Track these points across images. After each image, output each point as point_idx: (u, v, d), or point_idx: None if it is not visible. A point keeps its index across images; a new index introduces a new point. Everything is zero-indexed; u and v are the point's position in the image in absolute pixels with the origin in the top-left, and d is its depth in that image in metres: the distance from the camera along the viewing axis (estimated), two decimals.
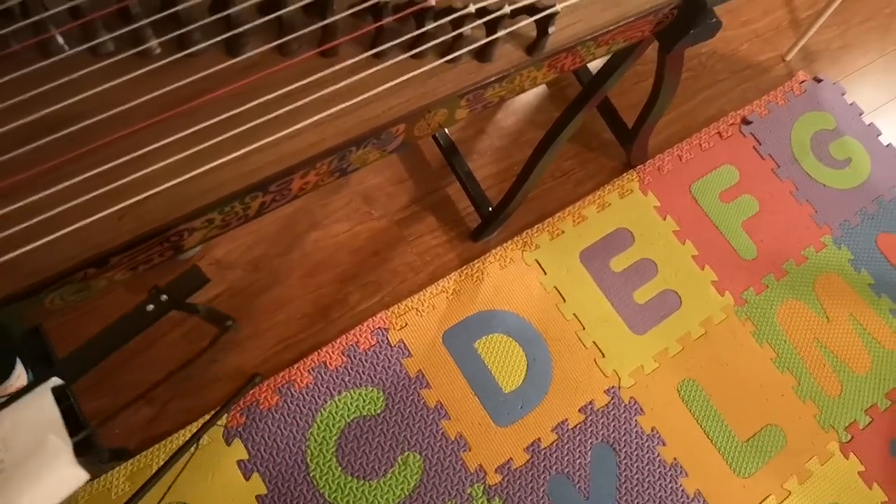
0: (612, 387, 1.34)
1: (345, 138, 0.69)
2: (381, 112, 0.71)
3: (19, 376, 0.96)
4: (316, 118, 0.67)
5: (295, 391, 1.25)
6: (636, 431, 1.31)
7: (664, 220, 1.48)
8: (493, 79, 0.77)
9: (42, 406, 0.59)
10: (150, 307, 0.68)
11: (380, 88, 0.71)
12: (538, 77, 0.84)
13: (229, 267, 1.34)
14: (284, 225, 1.39)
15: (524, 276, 1.39)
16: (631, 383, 1.34)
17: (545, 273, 1.40)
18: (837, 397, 1.39)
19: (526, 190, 1.28)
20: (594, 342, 1.36)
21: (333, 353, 1.28)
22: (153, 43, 0.65)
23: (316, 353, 1.28)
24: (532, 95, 1.59)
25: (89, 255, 0.58)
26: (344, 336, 1.30)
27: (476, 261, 1.40)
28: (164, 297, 0.69)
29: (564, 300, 1.39)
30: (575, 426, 1.30)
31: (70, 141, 0.61)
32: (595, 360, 1.35)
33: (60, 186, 0.59)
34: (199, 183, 0.62)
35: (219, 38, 0.67)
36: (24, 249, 0.56)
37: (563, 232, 1.44)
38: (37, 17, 0.62)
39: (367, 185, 1.45)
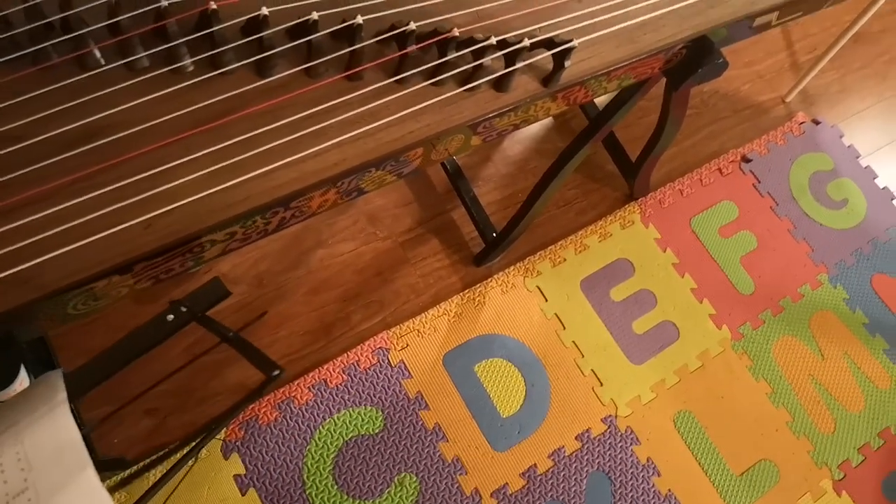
0: (609, 415, 1.35)
1: (365, 159, 0.71)
2: (401, 136, 0.73)
3: (22, 381, 0.97)
4: (339, 139, 0.70)
5: (294, 407, 1.25)
6: (632, 461, 1.32)
7: (664, 252, 1.51)
8: (508, 108, 0.80)
9: (59, 425, 0.57)
10: (171, 317, 0.69)
11: (401, 113, 0.73)
12: (551, 108, 0.87)
13: (234, 282, 1.35)
14: (290, 242, 1.41)
15: (525, 301, 1.41)
16: (628, 413, 1.35)
17: (546, 300, 1.42)
18: (831, 434, 1.40)
19: (530, 217, 1.31)
20: (592, 370, 1.38)
21: (334, 370, 1.29)
22: (187, 61, 0.67)
23: (317, 370, 1.29)
24: (538, 125, 1.62)
25: (116, 262, 0.60)
26: (345, 354, 1.31)
27: (478, 285, 1.41)
28: (184, 308, 0.70)
29: (564, 327, 1.40)
30: (571, 453, 1.30)
31: (102, 152, 0.63)
32: (593, 388, 1.36)
33: (92, 195, 0.60)
34: (224, 196, 0.64)
35: (250, 60, 0.69)
36: (54, 254, 0.58)
37: (564, 260, 1.46)
38: (77, 32, 0.64)
39: (373, 206, 1.47)
